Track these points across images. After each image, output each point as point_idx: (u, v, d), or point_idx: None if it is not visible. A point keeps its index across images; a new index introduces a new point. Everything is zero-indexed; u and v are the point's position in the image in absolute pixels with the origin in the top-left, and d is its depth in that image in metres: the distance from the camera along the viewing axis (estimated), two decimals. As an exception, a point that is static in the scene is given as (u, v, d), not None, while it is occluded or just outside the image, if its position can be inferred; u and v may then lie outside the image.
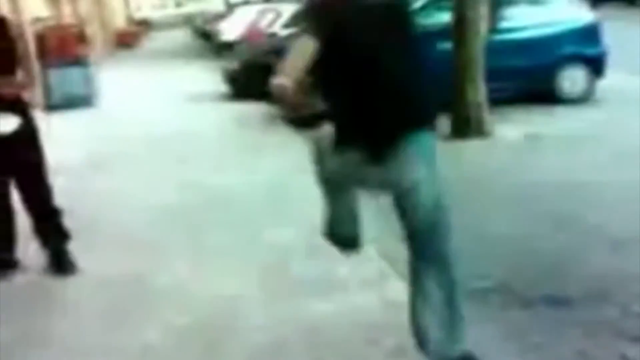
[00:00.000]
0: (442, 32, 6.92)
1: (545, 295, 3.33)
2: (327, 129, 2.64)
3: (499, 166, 5.77)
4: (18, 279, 4.11)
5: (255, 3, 18.90)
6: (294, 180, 5.29)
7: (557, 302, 3.25)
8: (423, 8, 7.60)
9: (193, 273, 3.87)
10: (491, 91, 6.82)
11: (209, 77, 12.79)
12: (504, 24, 7.50)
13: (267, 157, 6.55)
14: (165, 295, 3.63)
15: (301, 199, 4.78)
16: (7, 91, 3.85)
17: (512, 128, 6.85)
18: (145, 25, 34.45)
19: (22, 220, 4.22)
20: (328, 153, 2.67)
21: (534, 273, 3.61)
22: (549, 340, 2.92)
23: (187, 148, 7.35)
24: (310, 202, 4.86)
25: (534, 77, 7.81)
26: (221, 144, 7.51)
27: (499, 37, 7.32)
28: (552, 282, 3.47)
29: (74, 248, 4.18)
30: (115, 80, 13.10)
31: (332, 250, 3.08)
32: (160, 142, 7.74)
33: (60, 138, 7.28)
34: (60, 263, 4.19)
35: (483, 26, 6.65)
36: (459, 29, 6.67)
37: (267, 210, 4.88)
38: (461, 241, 3.82)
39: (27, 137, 4.00)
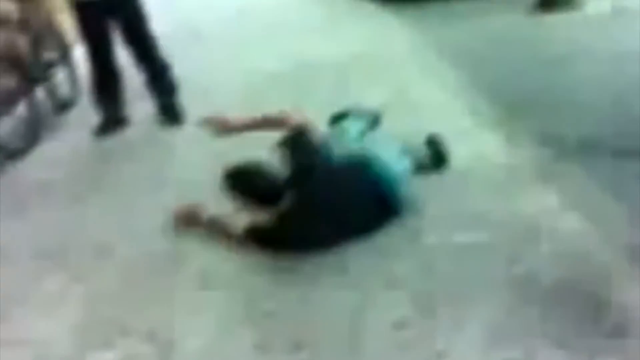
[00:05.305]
0: None
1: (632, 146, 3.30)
2: None
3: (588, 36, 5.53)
4: (130, 132, 4.43)
5: None
6: (379, 49, 5.76)
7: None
8: None
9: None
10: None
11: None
12: None
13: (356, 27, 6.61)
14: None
15: (386, 65, 5.23)
16: None
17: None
18: None
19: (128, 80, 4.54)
20: None
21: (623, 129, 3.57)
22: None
23: (276, 19, 7.44)
24: (396, 68, 5.09)
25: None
26: (307, 17, 7.54)
27: None
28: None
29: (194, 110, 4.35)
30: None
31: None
32: (250, 14, 7.88)
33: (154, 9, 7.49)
34: (172, 114, 4.46)
35: None
36: None
37: (361, 74, 5.07)
38: (556, 105, 3.88)
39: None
